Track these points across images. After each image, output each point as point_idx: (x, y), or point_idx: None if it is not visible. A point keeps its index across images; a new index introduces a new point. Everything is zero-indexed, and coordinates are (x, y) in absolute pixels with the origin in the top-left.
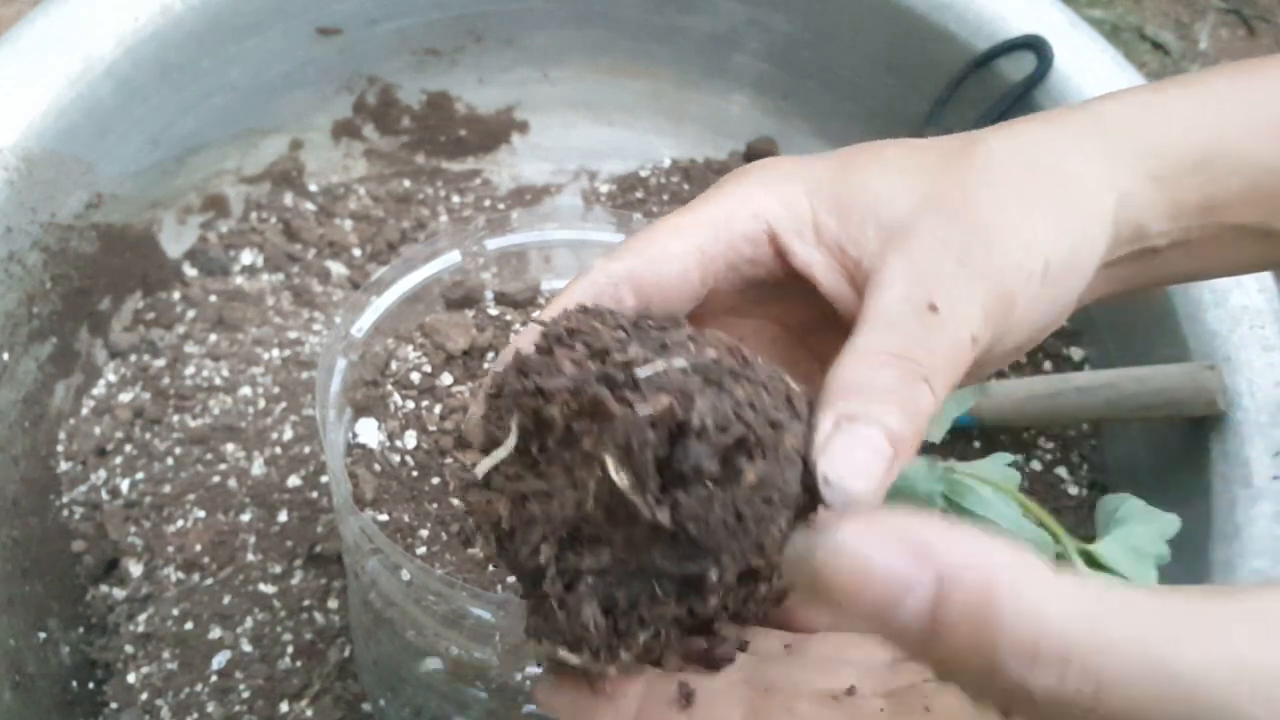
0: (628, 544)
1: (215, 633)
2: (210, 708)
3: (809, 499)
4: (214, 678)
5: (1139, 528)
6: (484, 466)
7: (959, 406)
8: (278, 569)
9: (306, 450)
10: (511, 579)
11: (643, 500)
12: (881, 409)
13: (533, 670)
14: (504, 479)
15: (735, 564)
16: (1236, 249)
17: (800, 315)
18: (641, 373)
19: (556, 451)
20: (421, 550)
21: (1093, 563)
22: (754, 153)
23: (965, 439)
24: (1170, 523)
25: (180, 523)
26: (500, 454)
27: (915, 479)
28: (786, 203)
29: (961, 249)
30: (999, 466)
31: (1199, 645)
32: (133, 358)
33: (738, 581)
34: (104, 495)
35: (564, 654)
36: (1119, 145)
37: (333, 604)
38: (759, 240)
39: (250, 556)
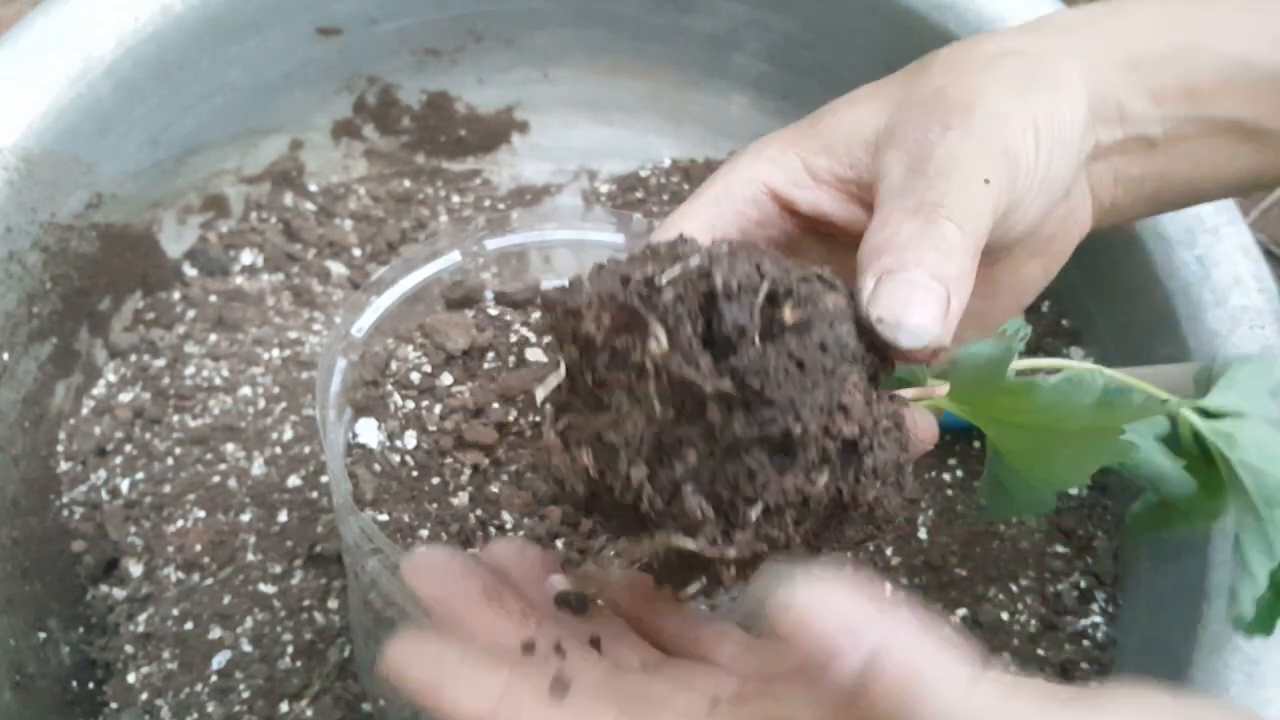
0: (707, 434)
1: (215, 633)
2: (210, 708)
3: (877, 358)
4: (214, 678)
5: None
6: (542, 392)
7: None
8: (278, 569)
9: (306, 450)
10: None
11: (698, 374)
12: (916, 254)
13: None
14: (575, 429)
15: (816, 418)
16: (1232, 153)
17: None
18: (663, 277)
19: (610, 376)
20: (421, 551)
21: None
22: None
23: (965, 439)
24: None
25: (180, 523)
26: (553, 381)
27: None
28: (776, 160)
29: (945, 120)
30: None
31: None
32: (133, 358)
33: (840, 456)
34: (104, 495)
35: (679, 539)
36: (1084, 36)
37: (333, 604)
38: (762, 201)
39: (250, 556)
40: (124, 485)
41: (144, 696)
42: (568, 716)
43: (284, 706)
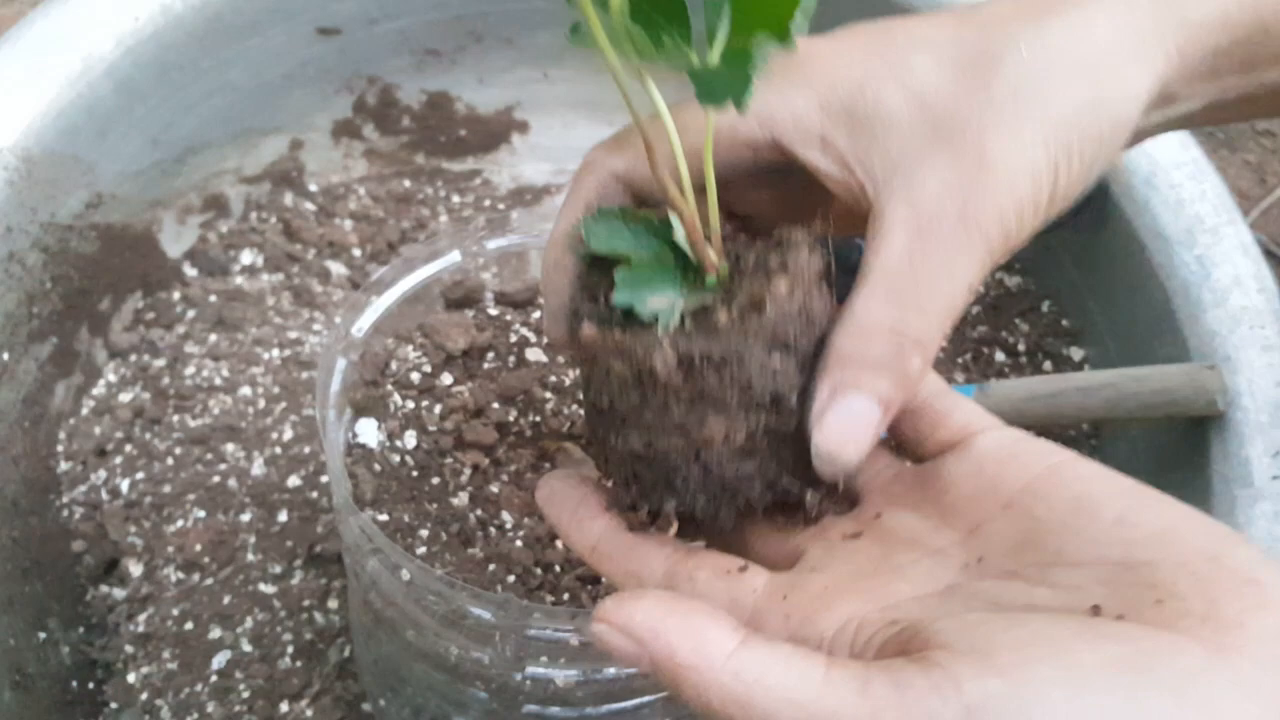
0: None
1: (215, 633)
2: (210, 708)
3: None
4: (214, 678)
5: None
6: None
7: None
8: (278, 569)
9: (306, 450)
10: (513, 577)
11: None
12: (872, 378)
13: (533, 671)
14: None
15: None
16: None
17: (800, 184)
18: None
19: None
20: (421, 550)
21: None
22: None
23: None
24: None
25: (180, 523)
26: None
27: None
28: (796, 116)
29: (964, 198)
30: None
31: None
32: (133, 358)
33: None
34: (104, 495)
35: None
36: (1159, 23)
37: (333, 604)
38: (762, 145)
39: (250, 556)
40: (124, 485)
41: (144, 696)
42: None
43: (284, 706)
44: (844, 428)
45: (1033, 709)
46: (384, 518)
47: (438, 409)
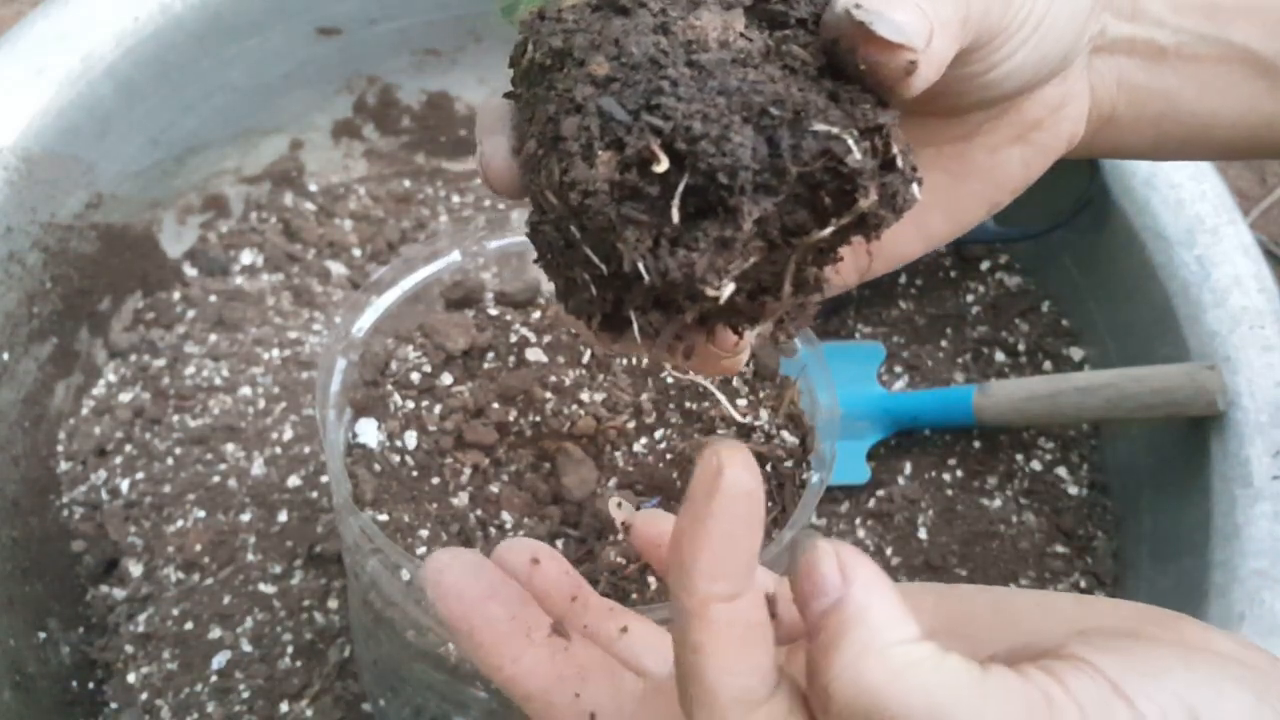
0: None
1: (215, 633)
2: (210, 708)
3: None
4: (214, 678)
5: None
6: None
7: None
8: (278, 569)
9: (306, 450)
10: None
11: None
12: None
13: None
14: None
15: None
16: (1245, 89)
17: None
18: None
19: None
20: (421, 550)
21: None
22: None
23: (965, 439)
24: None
25: (180, 523)
26: None
27: None
28: None
29: None
30: None
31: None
32: (133, 358)
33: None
34: (104, 495)
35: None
36: None
37: (333, 604)
38: None
39: (250, 556)
40: (124, 485)
41: (144, 696)
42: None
43: (284, 706)
44: None
45: (1166, 676)
46: (384, 518)
47: (438, 409)
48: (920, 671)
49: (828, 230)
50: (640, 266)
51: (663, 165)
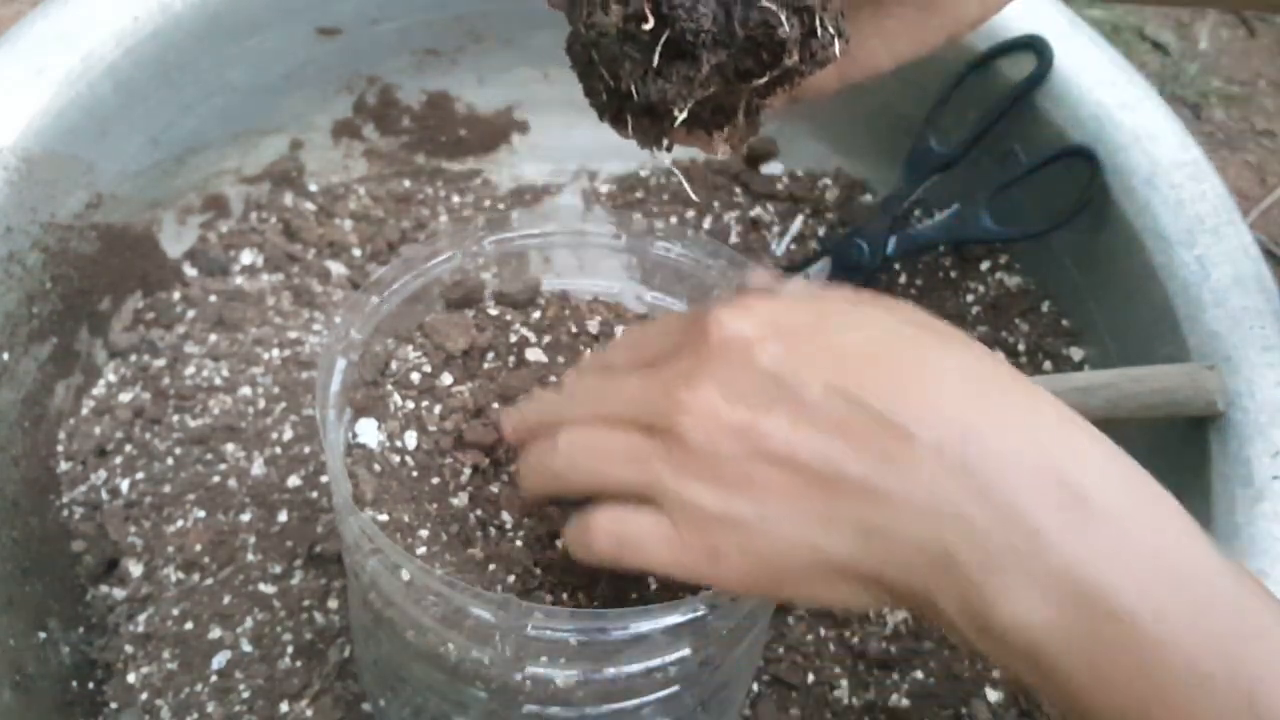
0: None
1: (215, 633)
2: (210, 708)
3: None
4: (214, 678)
5: None
6: None
7: None
8: (278, 569)
9: (306, 450)
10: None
11: None
12: None
13: (533, 671)
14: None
15: None
16: None
17: None
18: None
19: None
20: (421, 550)
21: None
22: (754, 153)
23: None
24: None
25: (180, 523)
26: None
27: None
28: None
29: None
30: None
31: None
32: (133, 358)
33: None
34: (104, 495)
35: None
36: None
37: (333, 604)
38: None
39: (250, 556)
40: (124, 485)
41: (144, 696)
42: None
43: (284, 706)
44: None
45: None
46: (384, 518)
47: (438, 409)
48: None
49: (764, 80)
50: (632, 89)
51: (650, 23)
